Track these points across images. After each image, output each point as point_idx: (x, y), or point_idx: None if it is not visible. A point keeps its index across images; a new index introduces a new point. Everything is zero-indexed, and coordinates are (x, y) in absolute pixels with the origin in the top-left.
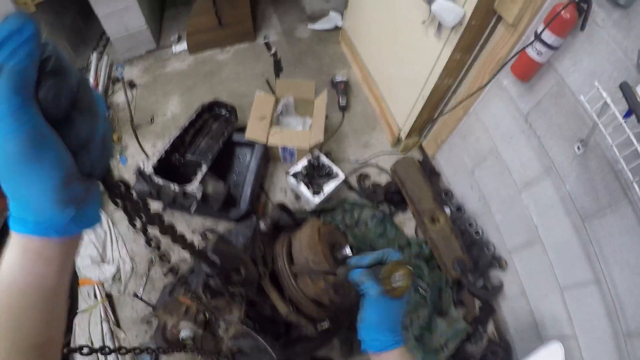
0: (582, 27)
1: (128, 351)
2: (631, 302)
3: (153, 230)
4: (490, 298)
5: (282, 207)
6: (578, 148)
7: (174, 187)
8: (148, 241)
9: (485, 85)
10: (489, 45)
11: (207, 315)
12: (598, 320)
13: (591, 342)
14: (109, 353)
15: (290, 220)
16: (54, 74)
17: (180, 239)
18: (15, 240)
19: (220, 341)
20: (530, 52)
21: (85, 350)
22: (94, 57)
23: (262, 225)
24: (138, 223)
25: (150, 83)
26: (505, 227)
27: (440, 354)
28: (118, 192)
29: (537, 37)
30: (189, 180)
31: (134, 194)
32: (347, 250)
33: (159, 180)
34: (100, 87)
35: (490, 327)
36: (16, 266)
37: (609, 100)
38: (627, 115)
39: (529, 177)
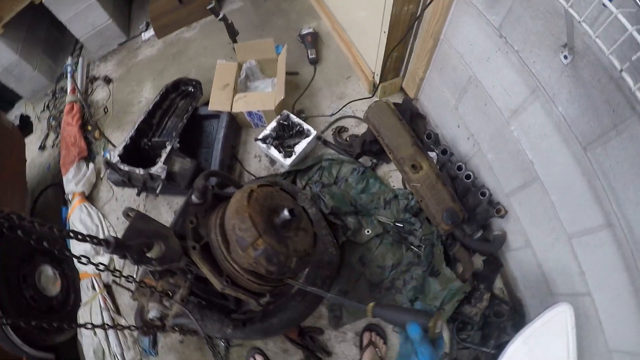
0: None
1: (124, 328)
2: None
3: None
4: (493, 250)
5: (212, 175)
6: (565, 57)
7: (139, 171)
8: None
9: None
10: None
11: (171, 295)
12: (614, 274)
13: (608, 301)
14: (92, 328)
15: (232, 188)
16: None
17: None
18: None
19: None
20: None
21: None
22: (69, 61)
23: (194, 197)
24: None
25: (125, 75)
26: (499, 168)
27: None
28: None
29: None
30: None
31: None
32: (285, 214)
33: (124, 167)
34: (77, 89)
35: (499, 284)
36: None
37: None
38: None
39: (515, 103)
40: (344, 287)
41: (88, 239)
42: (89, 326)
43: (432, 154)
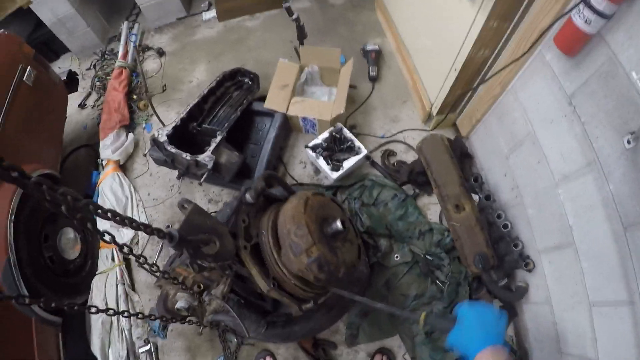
0: None
1: (131, 315)
2: None
3: None
4: (514, 300)
5: (270, 177)
6: (628, 142)
7: (186, 156)
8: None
9: (522, 55)
10: (531, 12)
11: (203, 287)
12: (625, 347)
13: None
14: (114, 315)
15: (284, 192)
16: None
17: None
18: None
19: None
20: (577, 19)
21: (93, 309)
22: (124, 26)
23: (248, 196)
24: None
25: (179, 50)
26: (537, 224)
27: (448, 353)
28: None
29: None
30: (204, 150)
31: None
32: (338, 224)
33: (171, 148)
34: (129, 56)
35: (510, 332)
36: None
37: None
38: None
39: (569, 169)
40: (365, 308)
41: (142, 227)
42: (111, 312)
43: (475, 196)
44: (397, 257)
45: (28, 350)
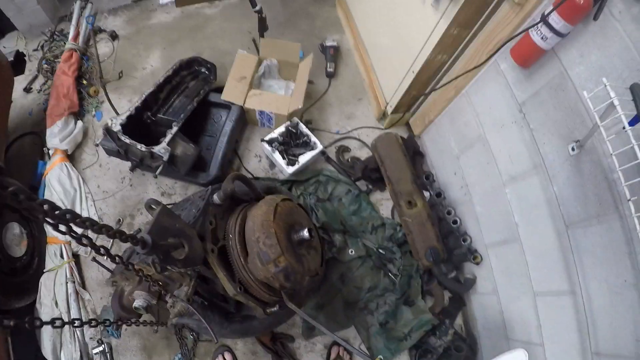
0: (596, 17)
1: (84, 324)
2: (604, 322)
3: None
4: (462, 291)
5: (238, 178)
6: (572, 149)
7: (141, 147)
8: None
9: (481, 64)
10: (490, 23)
11: (160, 286)
12: (568, 333)
13: (558, 354)
14: (63, 326)
15: (250, 193)
16: None
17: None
18: None
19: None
20: (534, 35)
21: (58, 322)
22: (77, 5)
23: (216, 198)
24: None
25: (134, 34)
26: (485, 221)
27: (402, 343)
28: None
29: (544, 19)
30: (159, 140)
31: None
32: (304, 233)
33: (125, 138)
34: (80, 38)
35: (459, 321)
36: None
37: (616, 102)
38: (632, 122)
39: (516, 171)
40: (321, 301)
41: (118, 235)
42: (58, 322)
43: (426, 193)
44: (352, 252)
45: None
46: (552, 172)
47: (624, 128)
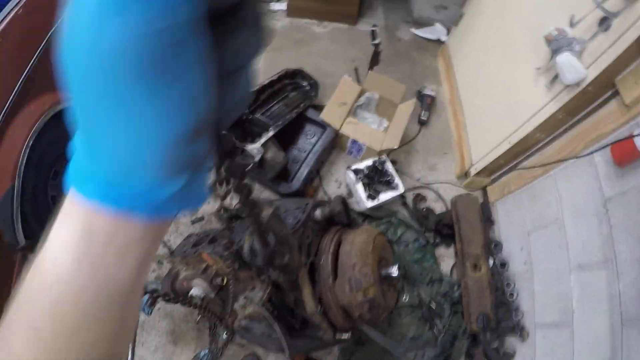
0: None
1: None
2: None
3: None
4: None
5: (344, 202)
6: None
7: (236, 141)
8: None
9: (579, 157)
10: (595, 115)
11: (225, 282)
12: None
13: None
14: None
15: (345, 217)
16: None
17: (254, 216)
18: (75, 213)
19: (229, 313)
20: (638, 140)
21: None
22: None
23: (318, 214)
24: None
25: None
26: (541, 300)
27: None
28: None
29: None
30: (249, 139)
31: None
32: (394, 270)
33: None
34: None
35: None
36: (69, 253)
37: None
38: None
39: (586, 261)
40: (363, 337)
41: (258, 226)
42: None
43: (490, 261)
44: (406, 298)
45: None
46: (621, 270)
47: None
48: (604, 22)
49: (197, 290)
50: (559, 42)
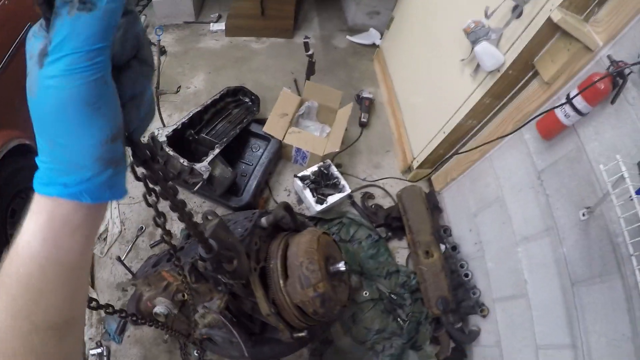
0: (613, 101)
1: (100, 307)
2: None
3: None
4: (467, 342)
5: (287, 208)
6: (583, 214)
7: (183, 161)
8: (157, 215)
9: (508, 134)
10: (520, 96)
11: (186, 297)
12: None
13: None
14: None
15: (291, 222)
16: (126, 14)
17: (187, 217)
18: (40, 206)
19: (192, 325)
20: (559, 113)
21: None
22: None
23: (264, 221)
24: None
25: (181, 54)
26: (495, 276)
27: None
28: (144, 158)
29: (569, 100)
30: (197, 158)
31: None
32: (341, 266)
33: (169, 150)
34: None
35: None
36: (37, 237)
37: (626, 175)
38: (639, 192)
39: (529, 232)
40: (330, 336)
41: (198, 235)
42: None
43: (442, 246)
44: (366, 293)
45: None
46: (563, 234)
47: (630, 197)
48: (516, 10)
49: (160, 308)
50: (476, 34)
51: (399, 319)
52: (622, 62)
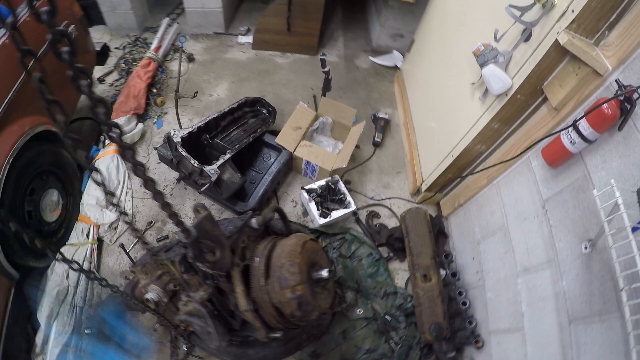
0: (621, 127)
1: (96, 278)
2: None
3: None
4: None
5: (278, 211)
6: (585, 247)
7: (194, 162)
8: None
9: (516, 157)
10: (529, 122)
11: (176, 287)
12: None
13: None
14: (80, 271)
15: (283, 227)
16: None
17: (160, 197)
18: None
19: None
20: (564, 139)
21: (75, 266)
22: (164, 21)
23: (254, 222)
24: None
25: (208, 62)
26: (493, 307)
27: None
28: None
29: (574, 124)
30: (209, 162)
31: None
32: (324, 273)
33: (182, 151)
34: (161, 51)
35: None
36: None
37: (619, 201)
38: (635, 229)
39: (531, 263)
40: (319, 350)
41: (173, 220)
42: (75, 265)
43: (443, 272)
44: (360, 311)
45: None
46: (564, 267)
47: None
48: (525, 32)
49: (151, 294)
50: (484, 56)
51: (391, 341)
52: (630, 87)
